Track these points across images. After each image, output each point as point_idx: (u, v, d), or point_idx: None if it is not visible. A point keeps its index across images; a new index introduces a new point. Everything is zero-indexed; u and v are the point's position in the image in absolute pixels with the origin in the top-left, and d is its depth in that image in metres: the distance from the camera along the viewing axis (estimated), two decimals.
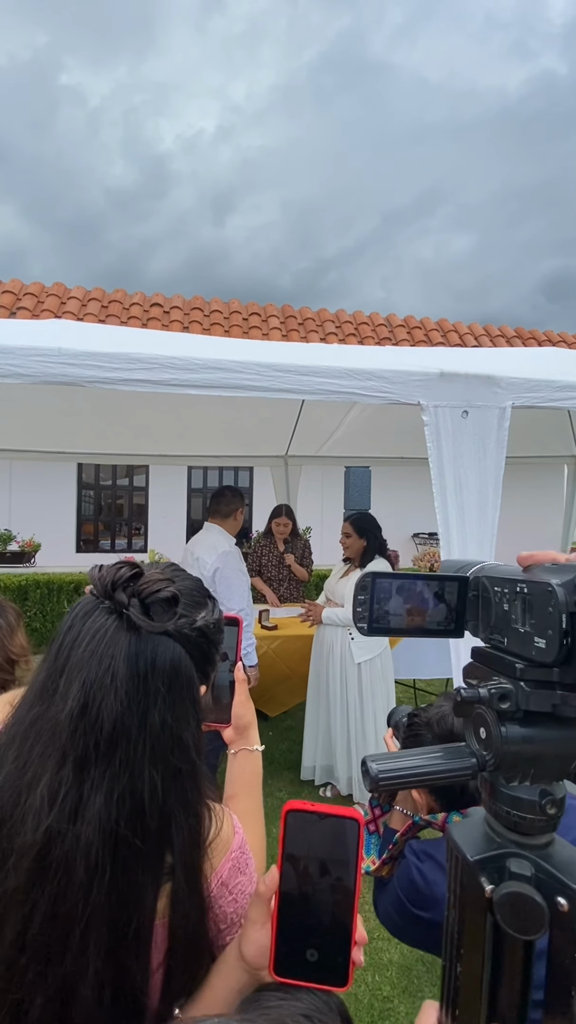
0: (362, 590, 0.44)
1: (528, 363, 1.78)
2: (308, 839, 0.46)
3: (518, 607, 0.40)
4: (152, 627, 0.50)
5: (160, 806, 0.49)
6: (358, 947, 0.46)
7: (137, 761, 0.48)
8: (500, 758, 0.40)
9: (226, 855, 0.57)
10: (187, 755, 0.51)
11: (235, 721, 0.76)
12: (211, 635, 0.57)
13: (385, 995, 1.66)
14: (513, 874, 0.39)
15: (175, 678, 0.51)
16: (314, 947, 0.45)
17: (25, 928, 0.44)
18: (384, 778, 0.40)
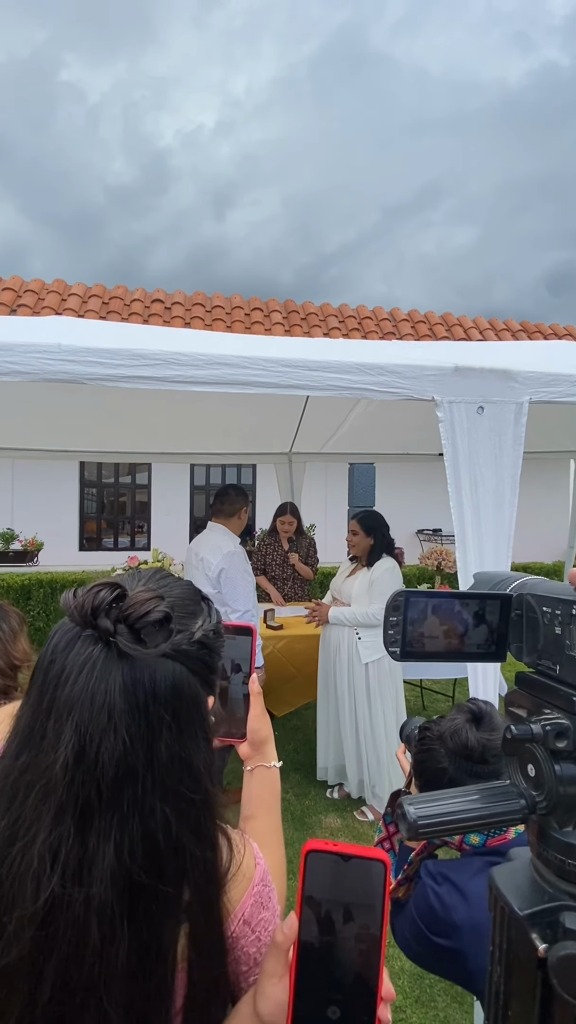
0: (394, 611, 0.40)
1: (544, 357, 1.73)
2: (330, 883, 0.41)
3: (574, 631, 0.35)
4: (147, 654, 0.44)
5: (175, 842, 0.44)
6: (384, 1004, 0.41)
7: (147, 800, 0.43)
8: (554, 800, 0.36)
9: (248, 890, 0.53)
10: (199, 783, 0.46)
11: (251, 736, 0.71)
12: (211, 643, 0.51)
13: (397, 1004, 1.62)
14: (569, 931, 0.35)
15: (179, 701, 0.46)
16: (336, 1004, 0.41)
17: (33, 1003, 0.40)
18: (424, 825, 0.36)
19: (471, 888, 0.72)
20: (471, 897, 0.72)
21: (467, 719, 0.80)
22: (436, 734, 0.81)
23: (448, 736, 0.80)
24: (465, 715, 0.81)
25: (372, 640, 2.56)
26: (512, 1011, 0.37)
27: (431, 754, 0.81)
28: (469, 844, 0.77)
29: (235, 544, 2.51)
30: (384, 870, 0.41)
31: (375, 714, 2.58)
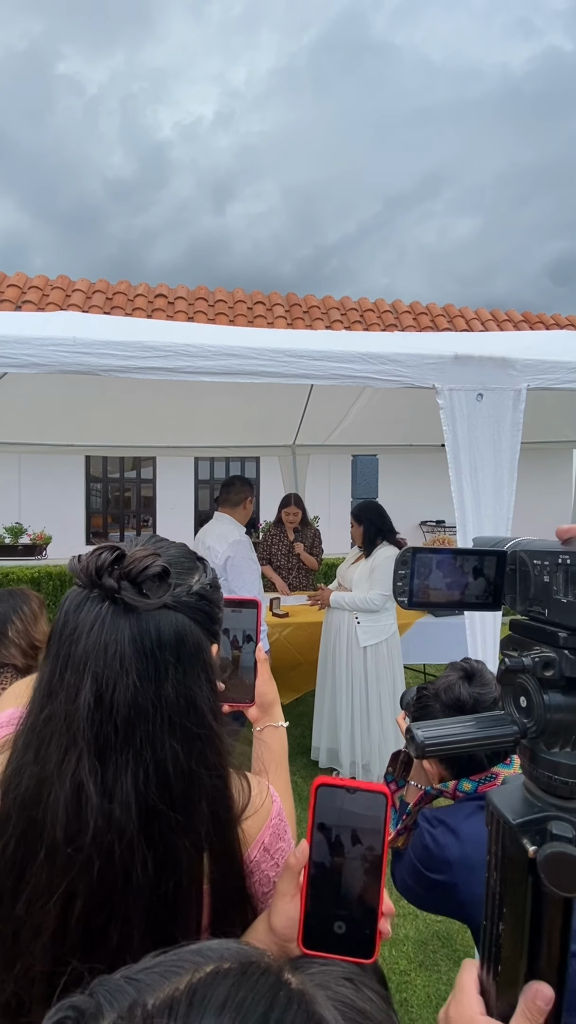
0: (403, 565, 0.45)
1: (542, 345, 1.77)
2: (337, 812, 0.46)
3: (560, 578, 0.41)
4: (150, 605, 0.49)
5: (184, 771, 0.50)
6: (385, 918, 0.47)
7: (157, 735, 0.49)
8: (542, 725, 0.41)
9: (267, 822, 0.59)
10: (203, 719, 0.52)
11: (259, 699, 0.77)
12: (210, 596, 0.56)
13: (402, 969, 1.70)
14: (555, 836, 0.40)
15: (182, 647, 0.51)
16: (342, 919, 0.46)
17: (66, 919, 0.45)
18: (430, 744, 0.41)
19: (463, 828, 0.79)
20: (463, 836, 0.78)
21: (460, 676, 0.87)
22: (432, 692, 0.88)
23: (442, 691, 0.86)
24: (458, 672, 0.88)
25: (371, 625, 2.62)
26: (507, 908, 0.43)
27: (427, 711, 0.87)
28: (462, 791, 0.83)
29: (241, 533, 2.56)
30: (385, 801, 0.47)
31: (371, 697, 2.64)
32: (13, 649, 1.31)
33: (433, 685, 0.89)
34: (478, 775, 0.83)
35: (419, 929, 1.85)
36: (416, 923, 1.88)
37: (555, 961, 0.43)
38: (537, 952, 0.43)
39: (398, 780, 0.94)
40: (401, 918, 1.90)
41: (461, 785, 0.83)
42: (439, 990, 1.61)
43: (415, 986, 1.63)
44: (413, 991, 1.61)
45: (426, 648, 3.12)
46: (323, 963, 0.46)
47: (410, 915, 1.91)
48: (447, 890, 0.79)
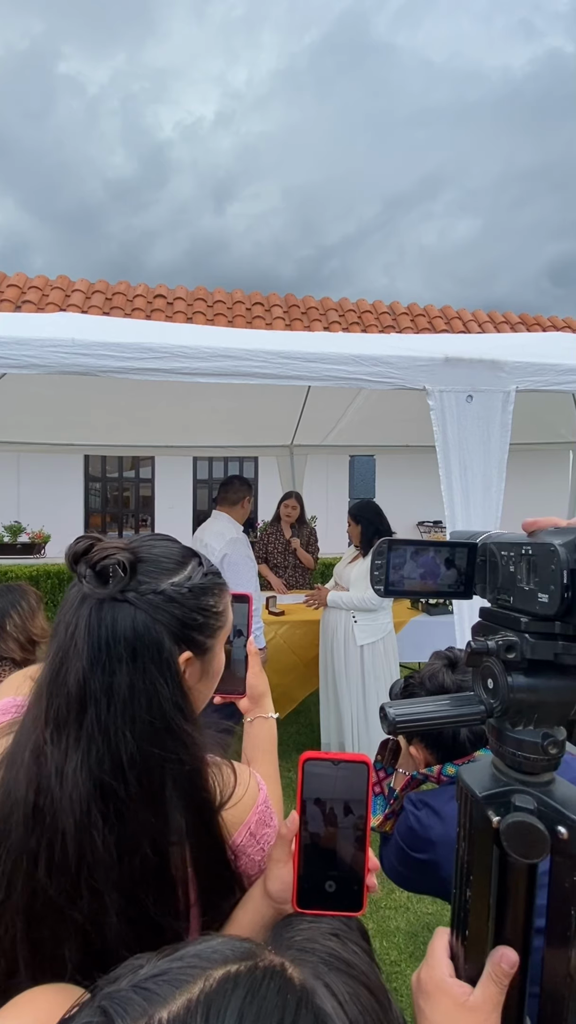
0: (379, 555, 0.48)
1: (532, 347, 1.80)
2: (324, 782, 0.50)
3: (523, 568, 0.44)
4: (100, 593, 0.51)
5: (142, 761, 0.51)
6: (371, 873, 0.50)
7: (110, 723, 0.50)
8: (507, 705, 0.44)
9: (253, 808, 0.62)
10: (166, 714, 0.52)
11: (250, 691, 0.79)
12: (183, 599, 0.55)
13: (393, 959, 1.73)
14: (518, 807, 0.43)
15: (139, 643, 0.52)
16: (332, 879, 0.50)
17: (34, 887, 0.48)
18: (401, 722, 0.44)
19: (446, 810, 0.82)
20: (446, 817, 0.81)
21: (444, 664, 0.91)
22: (417, 681, 0.91)
23: (427, 679, 0.89)
24: (442, 660, 0.91)
25: (368, 624, 2.65)
26: (474, 876, 0.46)
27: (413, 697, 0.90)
28: (446, 775, 0.86)
29: (238, 531, 2.59)
30: (366, 769, 0.50)
31: (369, 696, 2.67)
32: (11, 643, 1.34)
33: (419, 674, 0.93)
34: (462, 759, 0.86)
35: (410, 921, 1.88)
36: (407, 915, 1.91)
37: (519, 926, 0.46)
38: (503, 918, 0.46)
39: (386, 768, 0.97)
40: (392, 910, 1.93)
41: (445, 769, 0.86)
42: None
43: (405, 976, 1.66)
44: (403, 980, 1.64)
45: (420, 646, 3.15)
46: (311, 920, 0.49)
47: (401, 908, 1.94)
48: (430, 868, 0.82)
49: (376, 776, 0.96)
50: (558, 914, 0.44)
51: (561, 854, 0.43)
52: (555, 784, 0.45)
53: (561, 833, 0.42)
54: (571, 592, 0.39)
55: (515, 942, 0.46)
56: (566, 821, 0.42)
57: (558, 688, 0.43)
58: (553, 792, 0.45)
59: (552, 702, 0.44)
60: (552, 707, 0.44)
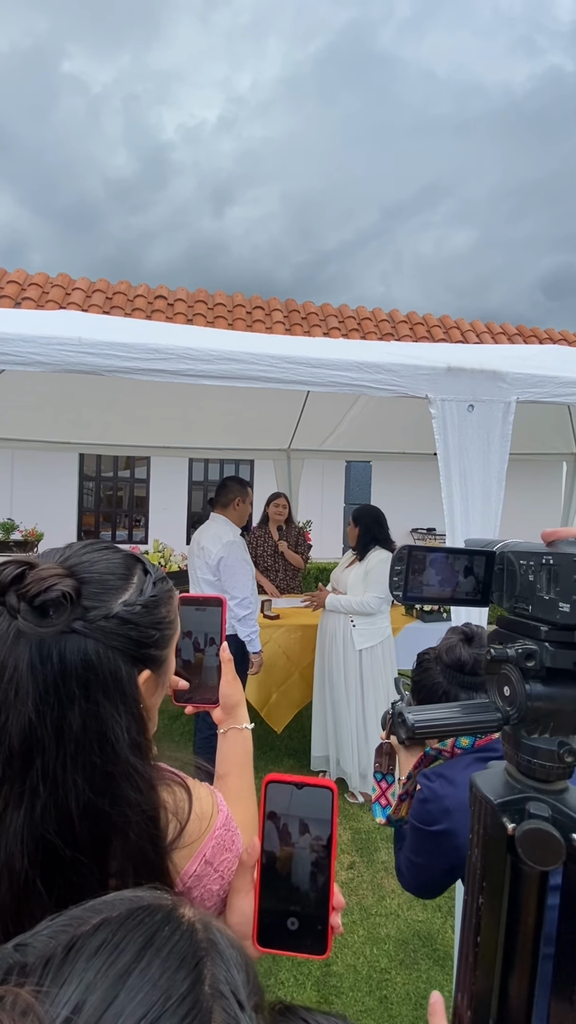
0: (399, 561, 0.48)
1: (532, 359, 1.82)
2: (287, 807, 0.48)
3: (543, 577, 0.44)
4: (44, 630, 0.45)
5: (92, 812, 0.46)
6: (336, 912, 0.47)
7: (58, 770, 0.45)
8: (523, 713, 0.44)
9: (209, 833, 0.56)
10: (116, 756, 0.47)
11: (223, 701, 0.74)
12: (137, 618, 0.50)
13: (383, 967, 1.72)
14: (532, 815, 0.44)
15: (92, 677, 0.47)
16: (295, 916, 0.47)
17: None
18: (420, 727, 0.45)
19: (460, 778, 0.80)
20: (460, 784, 0.80)
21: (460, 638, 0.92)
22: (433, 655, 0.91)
23: (444, 653, 0.90)
24: (459, 635, 0.92)
25: (366, 628, 2.65)
26: (487, 883, 0.46)
27: (428, 673, 0.91)
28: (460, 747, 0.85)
29: (235, 534, 2.59)
30: (331, 796, 0.48)
31: (367, 701, 2.67)
32: None
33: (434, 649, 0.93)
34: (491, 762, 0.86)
35: (400, 928, 1.88)
36: (397, 923, 1.90)
37: (529, 937, 0.46)
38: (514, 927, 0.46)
39: (386, 776, 0.97)
40: (383, 917, 1.93)
41: (459, 741, 0.84)
42: (419, 988, 1.63)
43: (395, 984, 1.66)
44: (393, 988, 1.63)
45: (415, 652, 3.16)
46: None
47: (392, 915, 1.94)
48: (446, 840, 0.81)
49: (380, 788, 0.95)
50: (571, 923, 0.44)
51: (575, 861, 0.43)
52: (569, 792, 0.46)
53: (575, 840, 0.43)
54: None
55: (524, 952, 0.46)
56: None
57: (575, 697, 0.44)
58: (567, 800, 0.45)
59: (569, 711, 0.44)
60: (569, 715, 0.44)
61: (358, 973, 1.70)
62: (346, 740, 2.71)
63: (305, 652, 3.05)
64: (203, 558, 2.55)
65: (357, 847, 2.34)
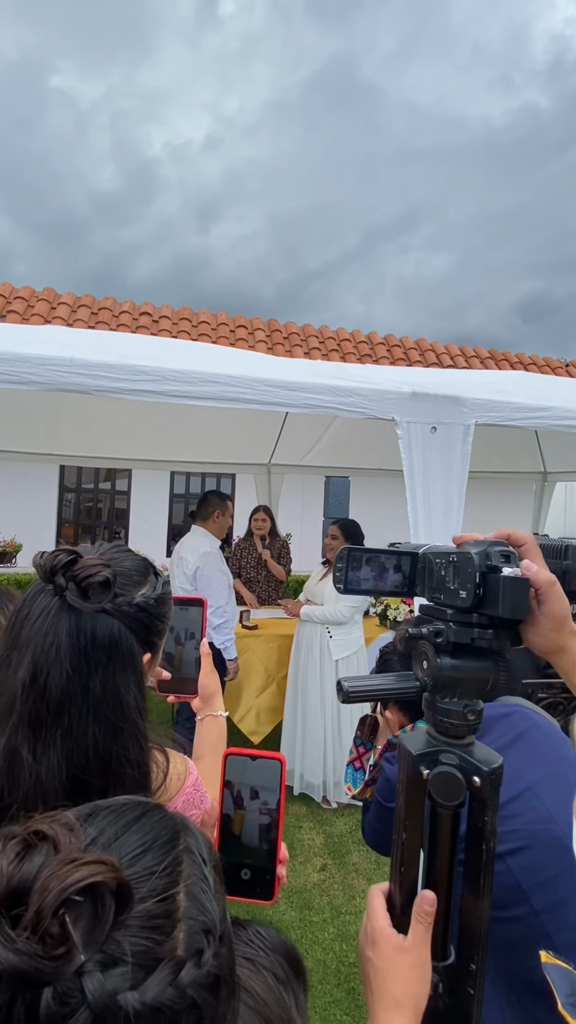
0: (340, 560, 0.59)
1: (492, 385, 1.99)
2: (243, 775, 0.58)
3: (451, 571, 0.56)
4: (88, 607, 0.56)
5: (103, 757, 0.56)
6: (282, 865, 0.58)
7: (82, 722, 0.55)
8: (436, 681, 0.55)
9: (180, 790, 0.66)
10: (128, 715, 0.58)
11: (201, 691, 0.85)
12: (151, 609, 0.62)
13: (351, 961, 1.79)
14: (442, 762, 0.55)
15: (114, 650, 0.57)
16: (247, 868, 0.57)
17: None
18: (353, 692, 0.55)
19: None
20: None
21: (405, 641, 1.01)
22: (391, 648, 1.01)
23: (398, 643, 0.99)
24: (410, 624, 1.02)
25: (342, 638, 2.74)
26: (409, 822, 0.56)
27: (388, 664, 1.00)
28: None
29: (213, 545, 2.69)
30: (280, 766, 0.59)
31: (343, 710, 2.75)
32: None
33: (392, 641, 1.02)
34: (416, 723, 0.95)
35: None
36: None
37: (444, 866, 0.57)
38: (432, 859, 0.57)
39: (365, 743, 1.06)
40: (352, 915, 2.00)
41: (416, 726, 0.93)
42: None
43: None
44: (360, 981, 1.70)
45: None
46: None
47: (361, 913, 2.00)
48: None
49: (356, 751, 1.04)
50: (473, 848, 0.55)
51: (476, 799, 0.54)
52: (474, 746, 0.57)
53: (475, 782, 0.54)
54: (482, 589, 0.52)
55: (440, 880, 0.57)
56: (479, 772, 0.54)
57: (475, 667, 0.55)
58: (472, 752, 0.56)
59: (471, 678, 0.55)
60: (471, 683, 0.56)
61: (327, 967, 1.76)
62: (316, 750, 2.75)
63: (283, 663, 3.12)
64: (182, 568, 2.63)
65: (330, 850, 2.40)
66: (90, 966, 0.25)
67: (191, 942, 0.28)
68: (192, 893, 0.30)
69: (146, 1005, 0.25)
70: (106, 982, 0.24)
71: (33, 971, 0.23)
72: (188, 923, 0.29)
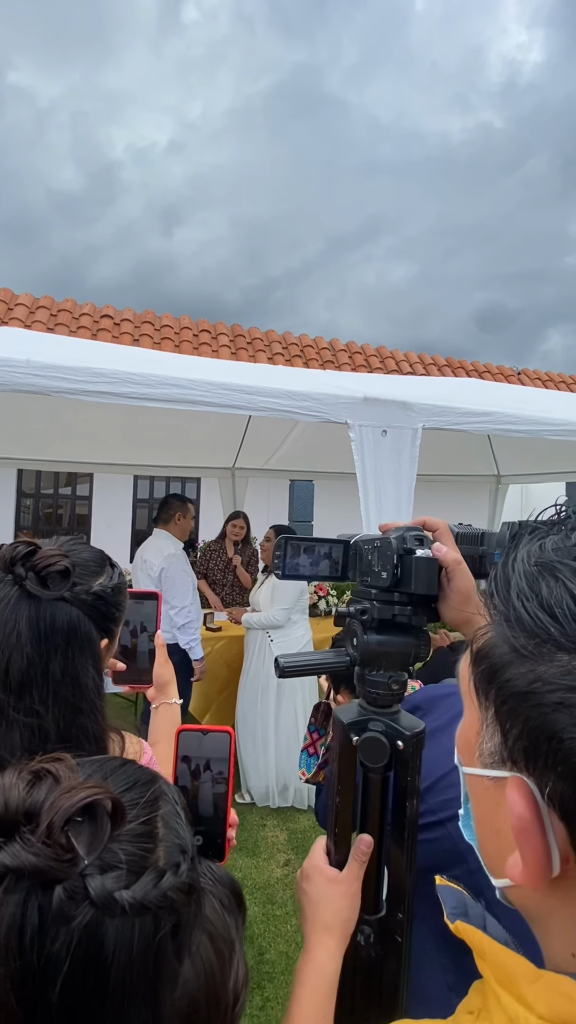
0: (279, 547, 0.65)
1: (438, 392, 2.10)
2: (195, 748, 0.63)
3: (375, 555, 0.62)
4: (47, 595, 0.60)
5: (64, 736, 0.59)
6: (232, 828, 0.63)
7: (43, 702, 0.59)
8: (363, 655, 0.61)
9: None
10: (86, 695, 0.62)
11: (156, 680, 0.89)
12: (108, 597, 0.66)
13: None
14: (370, 729, 0.61)
15: (73, 635, 0.61)
16: (200, 833, 0.60)
17: None
18: (288, 667, 0.61)
19: None
20: None
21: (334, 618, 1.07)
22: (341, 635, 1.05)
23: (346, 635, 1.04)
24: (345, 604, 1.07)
25: (282, 640, 2.75)
26: (341, 785, 0.62)
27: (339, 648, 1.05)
28: None
29: (177, 547, 2.71)
30: (229, 738, 0.63)
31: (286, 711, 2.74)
32: None
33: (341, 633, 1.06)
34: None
35: None
36: None
37: (376, 825, 0.63)
38: (364, 819, 0.62)
39: (319, 729, 1.11)
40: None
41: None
42: None
43: None
44: None
45: None
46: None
47: None
48: None
49: (311, 738, 1.09)
50: (398, 806, 0.61)
51: (400, 762, 0.60)
52: (400, 714, 0.63)
53: (399, 745, 0.60)
54: (399, 570, 0.58)
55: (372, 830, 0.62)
56: (402, 737, 0.60)
57: (398, 642, 0.61)
58: (398, 719, 0.62)
59: (395, 652, 0.61)
60: (395, 656, 0.62)
61: (290, 959, 1.80)
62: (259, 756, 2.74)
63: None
64: (145, 571, 2.63)
65: (293, 846, 2.44)
66: (91, 869, 0.30)
67: (170, 856, 0.34)
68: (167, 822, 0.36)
69: (136, 901, 0.30)
70: (104, 882, 0.29)
71: (48, 869, 0.28)
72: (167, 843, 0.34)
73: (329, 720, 1.14)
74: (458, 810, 0.82)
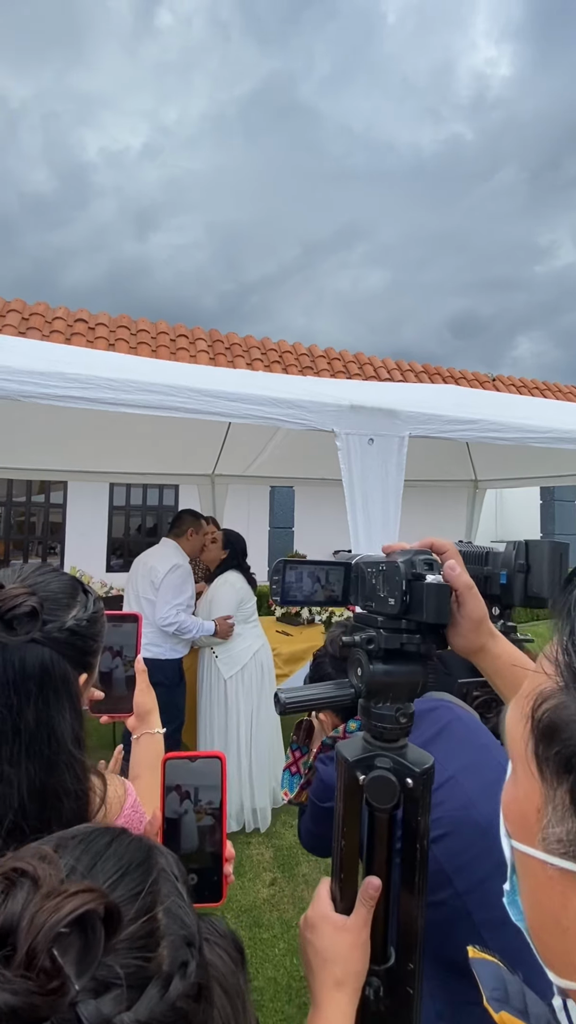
0: (276, 572, 0.60)
1: (426, 399, 2.09)
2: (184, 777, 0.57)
3: (380, 580, 0.58)
4: (15, 640, 0.54)
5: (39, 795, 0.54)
6: (228, 863, 0.57)
7: (15, 759, 0.54)
8: (369, 686, 0.57)
9: (119, 813, 0.65)
10: (63, 747, 0.57)
11: (136, 709, 0.82)
12: (83, 631, 0.61)
13: (302, 976, 1.77)
14: (377, 766, 0.56)
15: (46, 679, 0.56)
16: (194, 872, 0.56)
17: None
18: (289, 703, 0.56)
19: None
20: None
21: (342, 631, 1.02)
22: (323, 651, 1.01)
23: (329, 644, 1.00)
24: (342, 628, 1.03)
25: (227, 656, 2.66)
26: (347, 827, 0.57)
27: (321, 667, 1.00)
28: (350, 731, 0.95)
29: (184, 560, 2.66)
30: (220, 764, 0.58)
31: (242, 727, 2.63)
32: None
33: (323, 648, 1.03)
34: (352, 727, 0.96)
35: None
36: None
37: (383, 867, 0.58)
38: (370, 861, 0.58)
39: (301, 747, 1.06)
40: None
41: (348, 726, 0.93)
42: None
43: None
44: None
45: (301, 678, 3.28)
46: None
47: None
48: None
49: (292, 756, 1.04)
50: (408, 844, 0.56)
51: (410, 800, 0.56)
52: (408, 748, 0.59)
53: (409, 783, 0.56)
54: (408, 596, 0.54)
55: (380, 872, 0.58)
56: (412, 774, 0.56)
57: (406, 671, 0.57)
58: (406, 754, 0.58)
59: (403, 683, 0.57)
60: (403, 686, 0.58)
61: (278, 984, 1.74)
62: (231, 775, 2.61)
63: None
64: (148, 577, 2.57)
65: (279, 863, 2.38)
66: (84, 995, 0.25)
67: (175, 956, 0.29)
68: (170, 910, 0.31)
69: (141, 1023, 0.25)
70: (101, 1007, 0.25)
71: (30, 1008, 0.24)
72: (170, 939, 0.30)
73: (311, 738, 1.09)
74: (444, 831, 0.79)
